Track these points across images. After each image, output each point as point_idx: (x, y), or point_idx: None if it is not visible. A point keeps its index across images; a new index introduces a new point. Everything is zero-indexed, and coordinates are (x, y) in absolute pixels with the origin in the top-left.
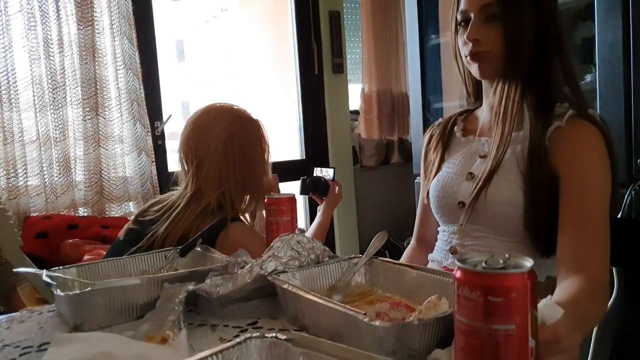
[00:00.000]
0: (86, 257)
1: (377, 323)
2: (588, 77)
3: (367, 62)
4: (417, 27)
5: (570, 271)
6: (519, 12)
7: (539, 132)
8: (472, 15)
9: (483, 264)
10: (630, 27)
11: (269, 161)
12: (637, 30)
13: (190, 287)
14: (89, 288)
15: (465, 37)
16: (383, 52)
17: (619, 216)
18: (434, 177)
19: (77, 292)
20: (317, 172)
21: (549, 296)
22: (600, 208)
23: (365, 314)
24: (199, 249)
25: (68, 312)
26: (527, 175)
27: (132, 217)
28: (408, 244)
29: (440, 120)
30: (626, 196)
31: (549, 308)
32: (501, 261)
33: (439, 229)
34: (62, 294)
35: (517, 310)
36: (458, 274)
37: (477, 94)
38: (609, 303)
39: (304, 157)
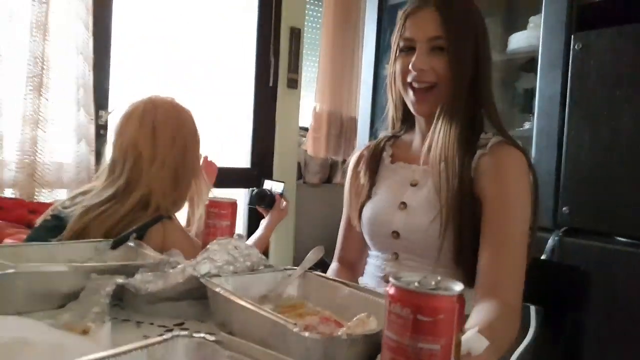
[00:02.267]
0: (7, 240)
1: (307, 334)
2: (527, 125)
3: (321, 81)
4: (373, 54)
5: (485, 295)
6: (463, 46)
7: (464, 163)
8: (417, 45)
9: (416, 284)
10: (568, 82)
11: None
12: (574, 86)
13: (120, 280)
14: (11, 270)
15: (410, 65)
16: (338, 74)
17: (542, 258)
18: (364, 202)
19: None
20: (267, 184)
21: (476, 327)
22: (518, 233)
23: (295, 324)
24: (131, 244)
25: None
26: (455, 207)
27: (54, 205)
28: None
29: (367, 144)
30: (550, 241)
31: (475, 339)
32: (433, 283)
33: (370, 253)
34: None
35: (443, 331)
36: (392, 290)
37: (404, 121)
38: (527, 341)
39: (249, 166)
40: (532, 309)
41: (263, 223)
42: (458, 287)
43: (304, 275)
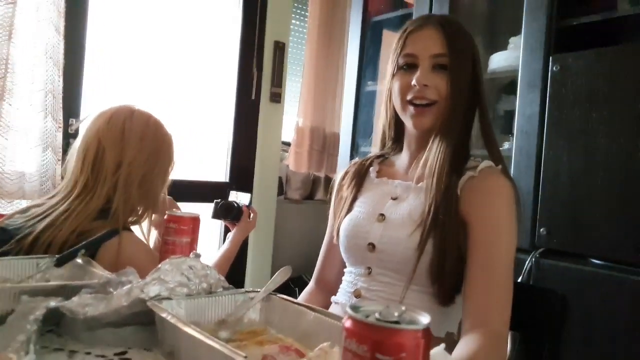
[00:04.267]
0: None
1: None
2: (506, 145)
3: (305, 96)
4: (356, 71)
5: (473, 324)
6: (464, 65)
7: (451, 181)
8: (419, 61)
9: (376, 315)
10: (546, 102)
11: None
12: (552, 106)
13: (53, 303)
14: None
15: (414, 81)
16: (322, 89)
17: (518, 280)
18: (345, 215)
19: None
20: (233, 196)
21: (442, 345)
22: (505, 261)
23: (245, 357)
24: (79, 261)
25: None
26: (437, 223)
27: (3, 218)
28: None
29: (356, 160)
30: (527, 263)
31: (440, 356)
32: (396, 314)
33: (345, 270)
34: None
35: None
36: (347, 323)
37: (395, 140)
38: None
39: (227, 180)
40: (509, 334)
41: (229, 237)
42: (425, 319)
43: (268, 298)
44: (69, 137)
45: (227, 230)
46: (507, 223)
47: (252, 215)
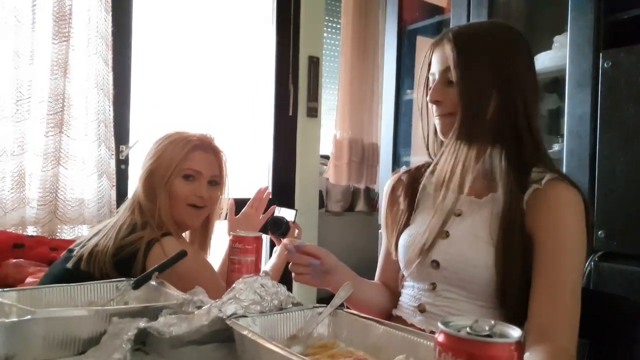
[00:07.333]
0: (29, 279)
1: None
2: (555, 147)
3: (341, 109)
4: (394, 80)
5: (538, 339)
6: (475, 76)
7: (515, 195)
8: (436, 77)
9: (468, 330)
10: (598, 102)
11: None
12: (605, 104)
13: (142, 324)
14: (29, 316)
15: (427, 97)
16: (358, 101)
17: None
18: (402, 229)
19: (14, 319)
20: (278, 211)
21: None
22: (573, 277)
23: None
24: (153, 283)
25: (0, 341)
26: (504, 239)
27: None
28: None
29: (404, 168)
30: (586, 267)
31: None
32: (487, 328)
33: (405, 283)
34: None
35: None
36: (441, 337)
37: (437, 151)
38: None
39: (270, 197)
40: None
41: (277, 251)
42: (516, 332)
43: (334, 313)
44: (120, 163)
45: (272, 244)
46: (574, 235)
47: (297, 231)
